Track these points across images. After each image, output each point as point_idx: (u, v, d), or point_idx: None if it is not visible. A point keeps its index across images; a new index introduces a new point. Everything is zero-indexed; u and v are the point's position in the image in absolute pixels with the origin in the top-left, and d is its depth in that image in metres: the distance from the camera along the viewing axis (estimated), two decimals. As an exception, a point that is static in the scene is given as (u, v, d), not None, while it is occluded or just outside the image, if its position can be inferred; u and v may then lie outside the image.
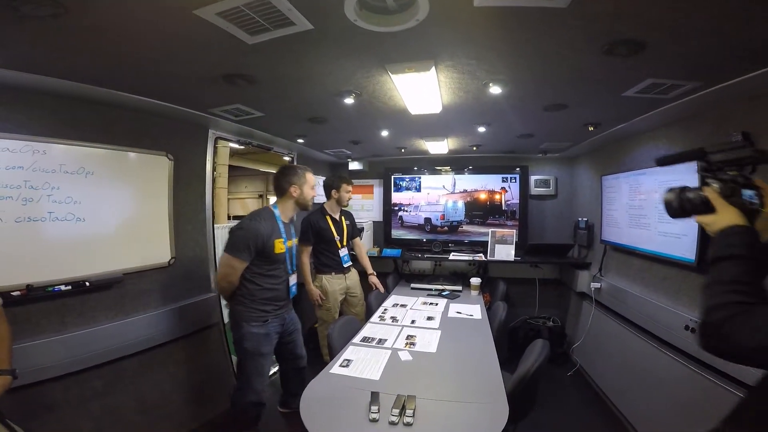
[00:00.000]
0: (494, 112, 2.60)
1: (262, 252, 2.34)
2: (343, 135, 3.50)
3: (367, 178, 5.22)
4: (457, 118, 2.75)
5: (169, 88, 2.15)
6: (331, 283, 3.41)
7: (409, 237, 4.89)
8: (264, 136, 3.47)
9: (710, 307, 0.84)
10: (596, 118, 2.77)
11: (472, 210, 4.66)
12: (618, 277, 3.40)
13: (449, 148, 4.10)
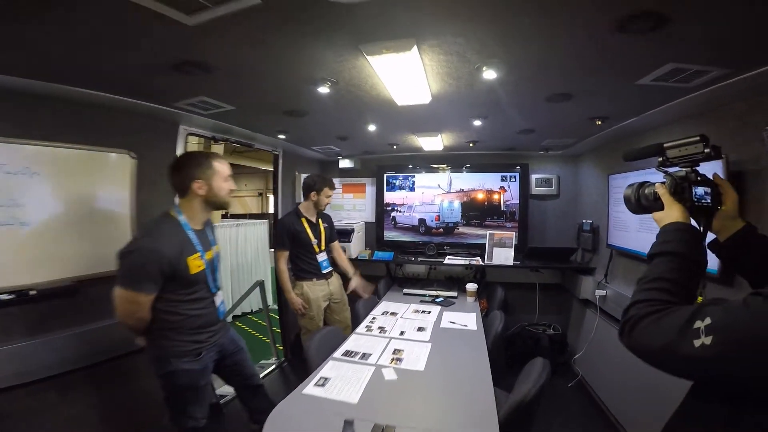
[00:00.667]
0: (490, 102, 2.33)
1: (173, 277, 1.78)
2: (328, 129, 3.23)
3: (359, 177, 4.97)
4: (449, 109, 2.48)
5: (116, 80, 1.91)
6: (313, 289, 3.19)
7: (402, 239, 4.64)
8: (243, 132, 3.23)
9: (631, 303, 0.84)
10: (604, 110, 2.50)
11: (469, 210, 4.42)
12: (625, 285, 3.16)
13: (444, 144, 3.84)
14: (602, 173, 3.61)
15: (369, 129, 3.05)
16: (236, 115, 2.64)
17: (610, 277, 3.40)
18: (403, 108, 2.37)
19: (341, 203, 5.04)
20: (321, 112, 2.58)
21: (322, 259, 3.25)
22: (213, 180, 1.90)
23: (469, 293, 3.70)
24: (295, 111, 2.57)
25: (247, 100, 2.32)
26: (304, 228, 3.17)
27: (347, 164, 4.73)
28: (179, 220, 1.86)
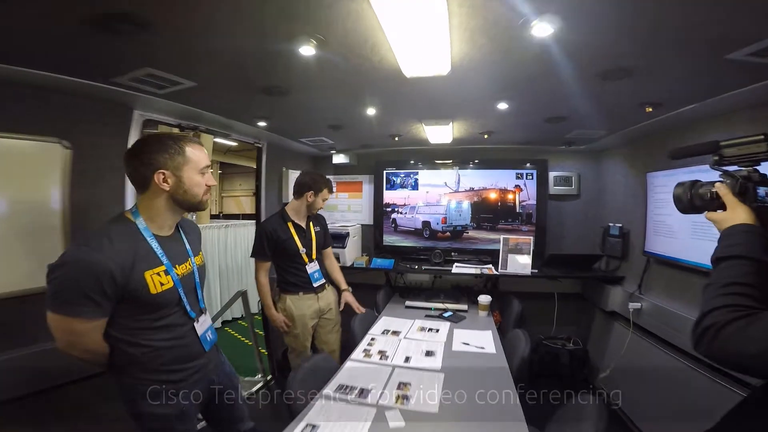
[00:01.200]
0: (526, 77, 1.85)
1: (124, 298, 1.35)
2: (317, 115, 2.73)
3: (355, 174, 4.49)
4: (472, 85, 1.98)
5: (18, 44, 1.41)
6: (298, 305, 2.72)
7: (403, 244, 4.17)
8: (215, 118, 2.73)
9: (707, 311, 0.82)
10: (664, 93, 2.05)
11: (479, 212, 3.97)
12: (667, 298, 2.76)
13: (454, 136, 3.36)
14: (635, 170, 3.21)
15: (367, 113, 2.54)
16: (201, 95, 2.17)
17: (644, 288, 3.01)
18: (412, 82, 1.86)
19: (335, 203, 4.56)
20: (307, 88, 2.09)
21: (312, 270, 2.77)
22: (183, 171, 1.43)
23: (482, 307, 3.27)
24: (273, 88, 2.08)
25: (209, 72, 1.83)
26: (291, 234, 2.68)
27: (342, 159, 4.25)
28: (136, 223, 1.41)
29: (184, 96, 2.18)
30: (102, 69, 1.75)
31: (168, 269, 1.43)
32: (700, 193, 1.02)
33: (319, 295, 2.80)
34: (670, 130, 2.66)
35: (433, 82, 1.88)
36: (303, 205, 2.73)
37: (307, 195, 2.69)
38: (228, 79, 1.98)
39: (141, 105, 2.33)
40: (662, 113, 2.37)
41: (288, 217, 2.71)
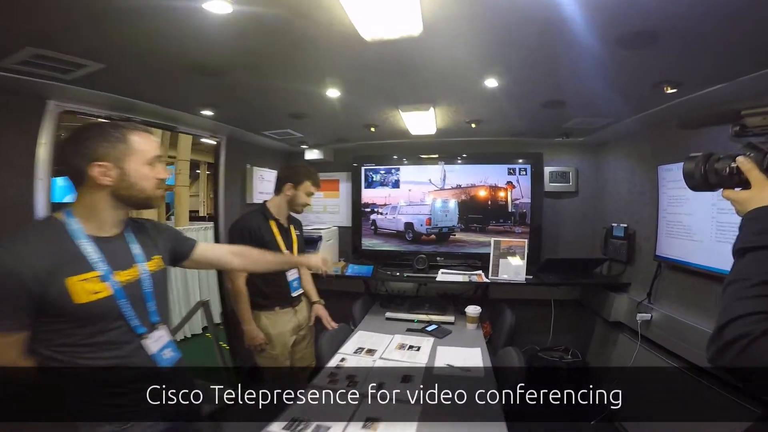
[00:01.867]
0: (523, 45, 1.49)
1: (45, 308, 1.16)
2: (270, 101, 2.34)
3: (331, 171, 4.09)
4: (452, 53, 1.59)
5: None
6: (276, 322, 2.36)
7: (384, 248, 3.80)
8: (153, 108, 2.39)
9: (734, 317, 0.68)
10: (687, 68, 1.70)
11: (467, 212, 3.63)
12: (680, 308, 2.47)
13: (438, 126, 2.98)
14: (645, 164, 2.87)
15: (329, 95, 2.14)
16: (118, 79, 1.88)
17: (655, 296, 2.71)
18: (375, 48, 1.46)
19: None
20: (246, 66, 1.75)
21: (292, 277, 2.43)
22: (127, 162, 1.24)
23: (470, 319, 2.95)
24: (202, 66, 1.74)
25: (114, 48, 1.52)
26: (273, 235, 2.33)
27: (316, 155, 3.86)
28: (65, 223, 1.23)
29: (101, 81, 1.90)
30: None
31: (105, 275, 1.21)
32: (716, 168, 0.89)
33: (296, 309, 2.47)
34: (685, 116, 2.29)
35: (403, 47, 1.48)
36: (284, 202, 2.38)
37: (285, 188, 2.34)
38: (140, 56, 1.63)
39: (56, 94, 2.03)
40: (682, 95, 2.00)
41: (271, 215, 2.35)
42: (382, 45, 1.43)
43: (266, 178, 3.66)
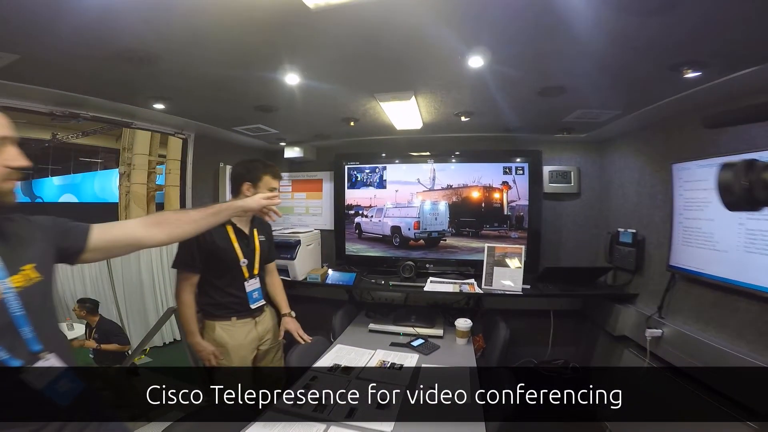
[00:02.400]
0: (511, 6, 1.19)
1: None
2: (228, 91, 2.10)
3: (313, 170, 3.85)
4: (424, 20, 1.29)
5: None
6: (233, 334, 2.11)
7: (370, 254, 3.54)
8: (103, 104, 2.21)
9: None
10: (714, 47, 1.42)
11: (459, 215, 3.37)
12: (696, 324, 2.23)
13: (424, 120, 2.70)
14: (655, 163, 2.60)
15: (288, 82, 1.85)
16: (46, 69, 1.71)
17: (666, 310, 2.45)
18: (328, 19, 1.19)
19: (291, 204, 3.92)
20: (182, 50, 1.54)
21: (252, 288, 2.17)
22: None
23: (460, 333, 2.70)
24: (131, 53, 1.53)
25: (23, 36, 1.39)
26: (230, 241, 2.08)
27: (296, 153, 3.59)
28: None
29: (25, 72, 1.73)
30: None
31: None
32: (764, 180, 0.72)
33: (256, 320, 2.20)
34: (705, 107, 2.01)
35: (362, 18, 1.22)
36: None
37: (243, 189, 2.07)
38: (59, 45, 1.45)
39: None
40: (705, 81, 1.71)
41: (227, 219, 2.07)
42: (335, 15, 1.15)
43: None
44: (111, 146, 9.59)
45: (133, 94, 2.15)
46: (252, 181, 2.08)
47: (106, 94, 2.12)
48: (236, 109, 2.44)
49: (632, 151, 2.87)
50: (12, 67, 1.65)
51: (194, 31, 1.36)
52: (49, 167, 10.95)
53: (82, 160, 11.04)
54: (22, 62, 1.61)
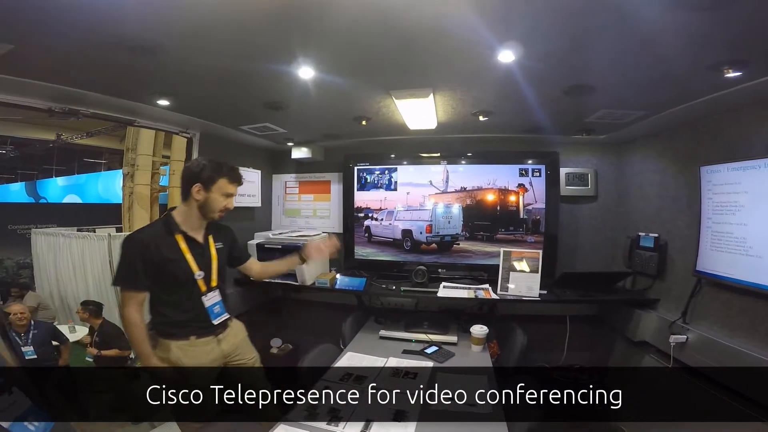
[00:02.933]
0: None
1: None
2: (236, 87, 2.02)
3: (322, 171, 3.78)
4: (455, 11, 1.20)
5: None
6: (190, 353, 1.86)
7: (379, 258, 3.47)
8: (103, 99, 2.11)
9: None
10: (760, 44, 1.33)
11: (473, 218, 3.29)
12: (723, 330, 2.18)
13: (439, 119, 2.61)
14: (680, 165, 2.53)
15: (301, 76, 1.76)
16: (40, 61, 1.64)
17: (691, 315, 2.39)
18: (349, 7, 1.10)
19: (298, 207, 3.85)
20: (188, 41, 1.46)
21: (211, 302, 1.92)
22: None
23: (475, 340, 2.64)
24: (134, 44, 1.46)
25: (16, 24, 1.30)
26: (180, 252, 1.84)
27: (304, 154, 3.51)
28: None
29: (25, 67, 1.66)
30: None
31: None
32: None
33: (219, 337, 1.95)
34: (739, 108, 1.96)
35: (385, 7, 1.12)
36: (192, 210, 1.84)
37: (193, 192, 1.80)
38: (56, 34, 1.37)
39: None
40: (745, 80, 1.62)
41: (176, 227, 1.84)
42: (354, 3, 1.07)
43: (248, 179, 3.31)
44: (115, 147, 9.60)
45: (135, 89, 2.05)
46: (204, 183, 1.81)
47: (106, 89, 2.02)
48: (244, 105, 2.36)
49: (654, 153, 2.79)
50: (6, 59, 1.55)
51: (202, 17, 1.27)
52: (53, 168, 10.96)
53: (86, 160, 11.06)
54: (17, 53, 1.52)
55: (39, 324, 3.74)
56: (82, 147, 9.82)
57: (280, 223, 3.88)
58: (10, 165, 10.03)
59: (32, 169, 10.76)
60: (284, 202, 3.89)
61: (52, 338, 3.68)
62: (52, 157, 10.65)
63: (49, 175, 11.01)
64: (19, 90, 1.91)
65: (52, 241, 5.80)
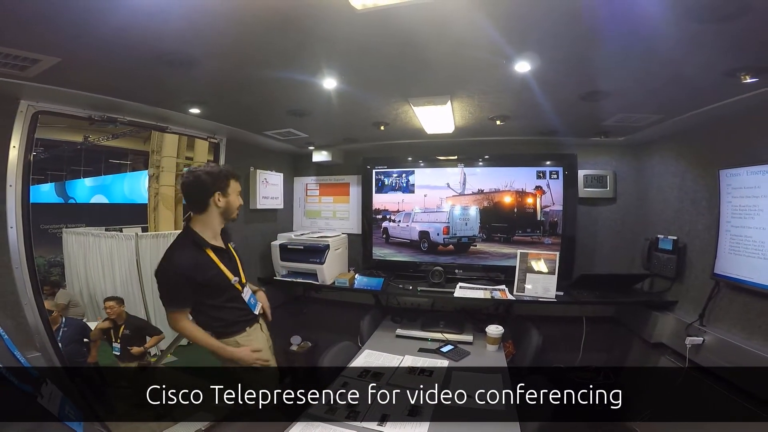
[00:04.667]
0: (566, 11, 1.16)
1: None
2: (263, 96, 2.09)
3: (341, 174, 3.83)
4: (474, 25, 1.25)
5: None
6: (253, 341, 1.99)
7: (397, 258, 3.50)
8: (139, 108, 2.21)
9: None
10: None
11: (490, 220, 3.29)
12: (743, 334, 2.15)
13: (456, 124, 2.64)
14: (700, 168, 2.51)
15: (326, 87, 1.84)
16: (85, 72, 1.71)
17: (708, 318, 2.38)
18: (373, 22, 1.17)
19: (318, 209, 3.92)
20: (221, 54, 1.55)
21: (248, 296, 2.03)
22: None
23: (490, 339, 2.66)
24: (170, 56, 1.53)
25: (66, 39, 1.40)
26: (216, 266, 1.88)
27: (324, 157, 3.57)
28: None
29: (70, 78, 1.73)
30: None
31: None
32: None
33: (261, 323, 2.08)
34: (759, 111, 1.93)
35: (408, 21, 1.18)
36: (214, 218, 1.89)
37: (215, 200, 1.84)
38: (100, 47, 1.44)
39: (28, 94, 1.89)
40: (763, 85, 1.62)
41: (205, 243, 1.87)
42: (379, 17, 1.13)
43: (271, 182, 3.42)
44: (139, 148, 9.80)
45: (169, 98, 2.14)
46: (222, 190, 1.85)
47: (143, 98, 2.11)
48: (269, 112, 2.44)
49: (673, 156, 2.76)
50: (53, 71, 1.63)
51: (236, 32, 1.34)
52: (81, 169, 11.28)
53: (111, 161, 11.35)
54: (63, 65, 1.60)
55: (70, 321, 3.89)
56: (108, 148, 10.07)
57: (302, 224, 3.96)
58: (40, 166, 10.34)
59: (61, 170, 11.08)
60: (305, 204, 3.96)
61: (82, 335, 3.83)
62: (79, 158, 10.93)
63: (77, 176, 11.28)
64: (61, 99, 2.00)
65: (82, 240, 6.00)
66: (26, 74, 1.64)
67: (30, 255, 1.97)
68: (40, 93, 1.88)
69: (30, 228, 1.98)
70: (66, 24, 1.28)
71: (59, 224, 7.85)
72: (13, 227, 1.90)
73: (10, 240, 1.89)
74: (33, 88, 1.80)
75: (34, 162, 2.05)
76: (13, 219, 1.90)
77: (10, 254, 1.89)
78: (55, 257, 6.83)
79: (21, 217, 1.94)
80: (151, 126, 2.42)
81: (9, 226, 1.88)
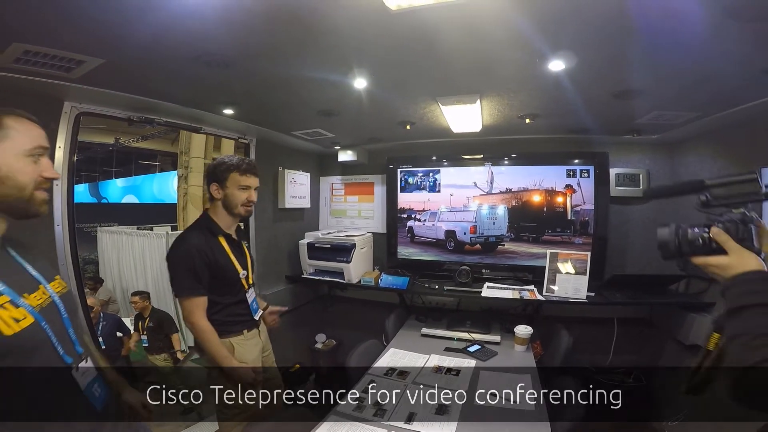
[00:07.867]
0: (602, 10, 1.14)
1: None
2: (294, 96, 2.11)
3: (366, 174, 3.84)
4: (507, 24, 1.25)
5: None
6: (246, 348, 1.89)
7: (422, 258, 3.48)
8: (175, 108, 2.25)
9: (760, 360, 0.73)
10: None
11: (519, 219, 3.23)
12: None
13: (484, 123, 2.61)
14: (738, 167, 2.38)
15: (356, 86, 1.85)
16: (125, 74, 1.75)
17: None
18: (405, 23, 1.18)
19: (344, 208, 3.95)
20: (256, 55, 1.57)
21: (251, 298, 1.97)
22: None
23: (519, 340, 2.61)
24: (207, 56, 1.56)
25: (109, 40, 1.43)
26: (226, 254, 1.85)
27: (349, 157, 3.60)
28: None
29: (112, 79, 1.79)
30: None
31: (13, 298, 0.93)
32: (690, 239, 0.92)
33: (260, 329, 2.00)
34: None
35: (438, 21, 1.18)
36: (220, 210, 1.86)
37: (212, 190, 1.83)
38: (142, 48, 1.46)
39: (72, 95, 1.94)
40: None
41: (219, 229, 1.84)
42: (412, 18, 1.14)
43: (299, 182, 3.46)
44: (167, 149, 10.09)
45: (205, 99, 2.18)
46: (219, 181, 1.83)
47: (179, 99, 2.16)
48: (299, 112, 2.46)
49: (710, 153, 2.66)
50: (96, 72, 1.66)
51: (271, 32, 1.36)
52: (113, 170, 11.69)
53: (141, 162, 11.73)
54: (105, 67, 1.62)
55: (108, 316, 4.07)
56: (138, 150, 10.41)
57: (327, 223, 4.00)
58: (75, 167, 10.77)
59: (94, 171, 11.51)
60: (331, 203, 4.00)
61: (118, 330, 3.99)
62: (111, 159, 11.35)
63: (109, 177, 11.71)
64: (105, 101, 2.06)
65: (116, 239, 6.22)
66: (71, 75, 1.67)
67: (74, 252, 2.05)
68: (83, 94, 1.94)
69: (75, 226, 2.06)
70: (111, 25, 1.30)
71: (93, 223, 8.16)
72: (59, 225, 1.97)
73: (56, 238, 1.96)
74: (76, 90, 1.85)
75: (72, 163, 2.13)
76: (59, 217, 1.96)
77: (56, 251, 1.96)
78: (89, 255, 7.08)
79: (67, 215, 2.01)
80: (186, 127, 2.48)
81: (56, 224, 1.95)
